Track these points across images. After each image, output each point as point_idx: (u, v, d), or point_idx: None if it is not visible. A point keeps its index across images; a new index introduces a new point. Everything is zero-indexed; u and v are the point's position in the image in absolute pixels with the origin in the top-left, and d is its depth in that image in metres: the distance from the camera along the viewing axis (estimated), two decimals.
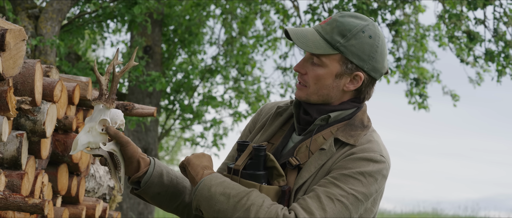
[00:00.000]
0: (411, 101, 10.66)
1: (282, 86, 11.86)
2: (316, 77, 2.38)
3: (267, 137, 2.48)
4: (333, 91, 2.40)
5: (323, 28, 2.38)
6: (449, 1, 9.43)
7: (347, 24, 2.37)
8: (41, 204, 3.20)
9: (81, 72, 9.24)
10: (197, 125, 12.22)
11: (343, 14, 2.40)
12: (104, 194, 5.04)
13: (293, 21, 10.93)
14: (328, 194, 2.24)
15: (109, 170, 2.44)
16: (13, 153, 3.47)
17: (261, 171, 2.32)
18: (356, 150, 2.33)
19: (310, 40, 2.36)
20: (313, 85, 2.38)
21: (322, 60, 2.36)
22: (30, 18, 7.33)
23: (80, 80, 4.34)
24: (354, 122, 2.40)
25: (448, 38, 9.59)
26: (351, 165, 2.29)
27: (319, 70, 2.38)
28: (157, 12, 10.35)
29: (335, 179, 2.27)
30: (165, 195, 2.46)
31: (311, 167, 2.33)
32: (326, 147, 2.34)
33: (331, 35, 2.36)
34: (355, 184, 2.27)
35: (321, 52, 2.35)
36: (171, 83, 11.52)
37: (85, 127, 2.32)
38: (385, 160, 2.34)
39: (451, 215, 21.12)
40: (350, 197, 2.26)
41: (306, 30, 2.39)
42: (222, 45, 11.77)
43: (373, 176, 2.30)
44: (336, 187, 2.26)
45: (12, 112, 3.16)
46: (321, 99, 2.40)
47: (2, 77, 3.07)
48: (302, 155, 2.37)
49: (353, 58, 2.36)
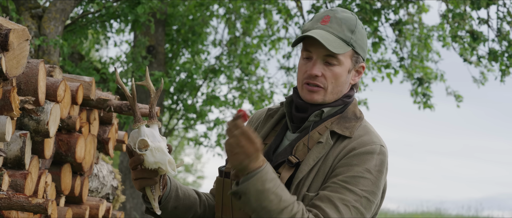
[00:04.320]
0: (416, 101, 10.66)
1: (285, 86, 11.86)
2: (334, 76, 2.40)
3: (261, 138, 2.49)
4: (344, 86, 2.45)
5: (332, 27, 2.40)
6: (452, 1, 9.42)
7: (349, 19, 2.42)
8: (44, 204, 3.20)
9: (85, 72, 9.25)
10: (200, 125, 12.21)
11: (337, 10, 2.44)
12: (107, 193, 5.04)
13: (296, 21, 10.92)
14: (343, 201, 2.28)
15: (152, 190, 2.37)
16: (17, 153, 3.47)
17: None
18: (356, 145, 2.35)
19: (332, 41, 2.38)
20: (331, 84, 2.40)
21: (339, 58, 2.39)
22: (34, 18, 7.34)
23: (83, 80, 4.34)
24: (347, 114, 2.44)
25: (452, 37, 9.58)
26: (356, 162, 2.32)
27: (337, 69, 2.40)
28: (160, 12, 10.35)
29: (345, 182, 2.30)
30: (181, 209, 2.46)
31: (310, 160, 2.35)
32: (323, 140, 2.37)
33: (343, 32, 2.39)
34: (365, 184, 2.30)
35: (342, 51, 2.38)
36: (175, 83, 11.53)
37: (160, 146, 2.27)
38: (385, 149, 2.38)
39: (454, 215, 21.10)
40: (363, 200, 2.30)
41: (322, 33, 2.39)
42: (225, 44, 11.77)
43: (379, 171, 2.34)
44: (348, 192, 2.29)
45: (16, 112, 3.17)
46: (334, 97, 2.44)
47: (6, 77, 3.08)
48: (300, 153, 2.38)
49: (360, 51, 2.43)
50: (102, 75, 9.71)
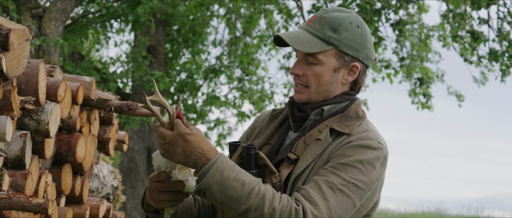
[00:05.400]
0: (415, 101, 10.65)
1: (285, 86, 11.86)
2: (315, 75, 2.41)
3: (265, 139, 2.51)
4: (332, 86, 2.44)
5: (312, 27, 2.42)
6: (453, 1, 9.42)
7: (335, 18, 2.41)
8: (45, 204, 3.20)
9: (85, 72, 9.25)
10: (201, 125, 12.20)
11: (327, 10, 2.45)
12: (107, 193, 5.04)
13: (297, 21, 10.93)
14: (328, 183, 2.25)
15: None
16: (17, 153, 3.47)
17: (253, 169, 2.33)
18: (353, 138, 2.35)
19: (304, 40, 2.39)
20: (313, 83, 2.41)
21: (318, 58, 2.40)
22: (34, 18, 7.34)
23: (83, 80, 4.34)
24: (349, 113, 2.44)
25: (452, 37, 9.58)
26: (349, 153, 2.31)
27: (317, 68, 2.41)
28: (160, 12, 10.35)
29: (334, 168, 2.29)
30: (179, 213, 2.46)
31: (308, 156, 2.35)
32: (322, 137, 2.37)
33: (322, 31, 2.40)
34: (355, 172, 2.28)
35: (317, 50, 2.38)
36: (175, 83, 11.53)
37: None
38: (383, 147, 2.36)
39: (455, 215, 21.10)
40: (350, 186, 2.26)
41: (297, 32, 2.42)
42: (226, 45, 11.77)
43: (371, 164, 2.31)
44: (335, 176, 2.27)
45: (16, 112, 3.17)
46: (321, 96, 2.44)
47: (6, 77, 3.08)
48: (299, 150, 2.39)
49: (348, 50, 2.41)
50: (103, 75, 9.71)
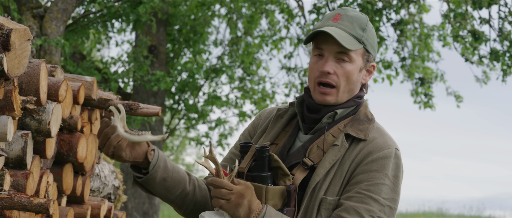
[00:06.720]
0: (417, 101, 10.64)
1: (286, 86, 11.85)
2: (345, 73, 2.38)
3: (271, 138, 2.48)
4: (356, 86, 2.43)
5: (343, 24, 2.38)
6: (454, 1, 9.41)
7: (360, 17, 2.41)
8: (46, 204, 3.20)
9: (86, 72, 9.25)
10: (202, 125, 12.20)
11: (348, 9, 2.43)
12: (109, 193, 5.04)
13: (298, 21, 10.92)
14: (370, 212, 2.29)
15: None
16: (18, 153, 3.47)
17: (266, 172, 2.31)
18: (372, 149, 2.36)
19: (344, 37, 2.36)
20: (342, 82, 2.39)
21: (351, 55, 2.37)
22: (35, 17, 7.34)
23: (85, 79, 4.34)
24: (359, 116, 2.43)
25: (453, 37, 9.57)
26: (375, 167, 2.33)
27: (348, 66, 2.39)
28: (162, 12, 10.35)
29: (368, 191, 2.31)
30: (170, 181, 2.41)
31: (326, 163, 2.35)
32: (339, 143, 2.36)
33: (355, 30, 2.38)
34: (386, 191, 2.33)
35: (355, 47, 2.37)
36: (176, 83, 11.52)
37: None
38: (399, 153, 2.39)
39: (456, 214, 21.07)
40: (386, 209, 2.32)
41: (335, 29, 2.38)
42: (227, 44, 11.76)
43: (396, 176, 2.36)
44: (373, 201, 2.30)
45: (17, 112, 3.17)
46: (347, 96, 2.42)
47: (7, 76, 3.08)
48: (314, 155, 2.37)
49: (370, 49, 2.42)
50: (104, 75, 9.71)
